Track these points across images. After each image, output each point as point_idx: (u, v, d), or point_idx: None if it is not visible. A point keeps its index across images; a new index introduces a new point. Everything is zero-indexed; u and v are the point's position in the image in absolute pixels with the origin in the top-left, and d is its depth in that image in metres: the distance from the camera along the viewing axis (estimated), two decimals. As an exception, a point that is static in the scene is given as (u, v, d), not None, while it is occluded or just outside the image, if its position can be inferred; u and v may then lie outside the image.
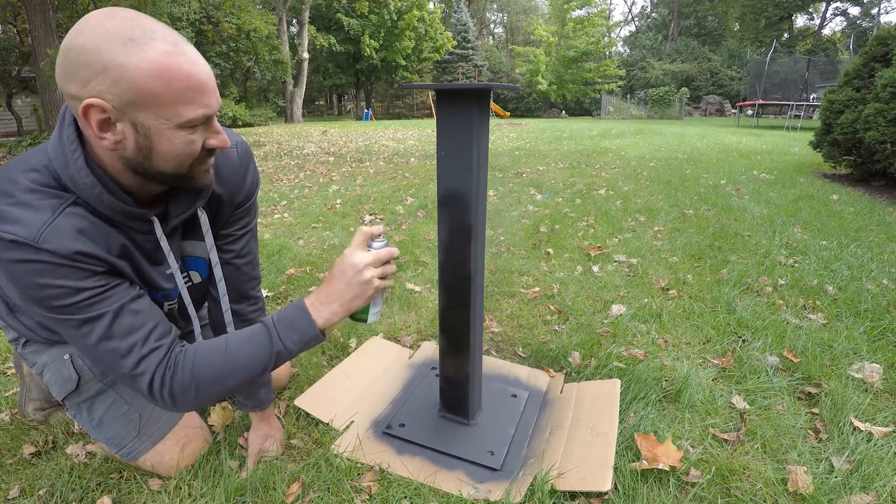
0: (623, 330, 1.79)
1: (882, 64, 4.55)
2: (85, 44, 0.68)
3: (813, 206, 3.69)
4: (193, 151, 0.79)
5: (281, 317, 0.87)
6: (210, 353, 0.85)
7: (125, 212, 0.82)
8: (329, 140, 10.90)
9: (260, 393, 1.19)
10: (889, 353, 1.61)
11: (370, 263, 0.87)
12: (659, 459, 1.11)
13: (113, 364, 0.81)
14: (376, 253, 0.89)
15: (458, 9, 31.76)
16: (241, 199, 1.06)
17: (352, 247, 0.89)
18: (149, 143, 0.75)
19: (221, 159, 0.98)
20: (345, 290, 0.87)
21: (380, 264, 0.88)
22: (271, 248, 2.79)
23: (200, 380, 0.83)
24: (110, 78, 0.68)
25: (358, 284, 0.87)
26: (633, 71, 30.41)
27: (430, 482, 1.10)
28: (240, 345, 0.86)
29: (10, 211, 0.73)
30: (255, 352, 0.86)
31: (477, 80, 25.97)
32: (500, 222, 3.36)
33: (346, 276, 0.87)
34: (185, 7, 13.88)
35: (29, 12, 7.63)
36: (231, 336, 0.88)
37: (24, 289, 0.75)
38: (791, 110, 13.78)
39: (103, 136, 0.73)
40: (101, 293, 0.79)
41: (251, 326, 0.89)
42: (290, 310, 0.88)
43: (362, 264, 0.86)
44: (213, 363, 0.84)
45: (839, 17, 34.52)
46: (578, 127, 15.03)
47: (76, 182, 0.77)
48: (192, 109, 0.74)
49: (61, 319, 0.78)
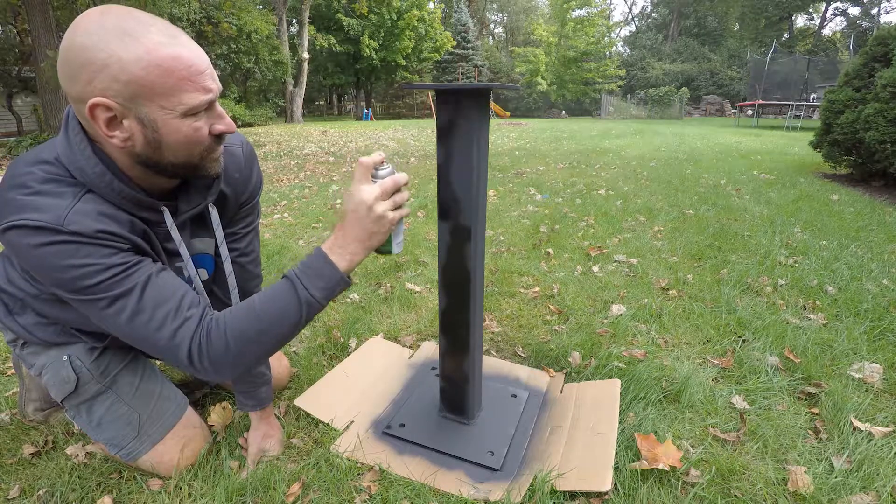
0: (623, 330, 1.78)
1: (882, 64, 4.55)
2: (83, 42, 0.69)
3: (813, 206, 3.69)
4: (201, 138, 0.79)
5: (303, 267, 0.84)
6: (240, 316, 0.83)
7: (135, 200, 0.82)
8: (329, 140, 10.90)
9: (260, 392, 1.19)
10: (889, 353, 1.61)
11: (379, 196, 0.82)
12: (659, 459, 1.11)
13: (149, 338, 0.80)
14: (382, 183, 0.83)
15: (458, 9, 31.74)
16: (246, 198, 1.07)
17: (355, 181, 0.84)
18: (158, 135, 0.76)
19: (227, 159, 0.99)
20: (360, 230, 0.83)
21: (389, 195, 0.84)
22: (271, 248, 2.79)
23: (236, 343, 0.82)
24: (111, 73, 0.69)
25: (372, 221, 0.83)
26: (633, 71, 30.42)
27: (430, 482, 1.10)
28: (268, 303, 0.84)
29: (31, 200, 0.74)
30: (284, 306, 0.83)
31: (477, 80, 25.98)
32: (500, 222, 3.36)
33: (358, 215, 0.83)
34: (186, 7, 13.86)
35: (29, 12, 7.63)
36: (256, 297, 0.86)
37: (52, 272, 0.76)
38: (791, 110, 13.78)
39: (112, 134, 0.74)
40: (128, 268, 0.79)
41: (274, 284, 0.86)
42: (310, 259, 0.85)
43: (371, 199, 0.82)
44: (245, 325, 0.82)
45: (839, 17, 34.55)
46: (578, 127, 15.02)
47: (86, 172, 0.78)
48: (193, 96, 0.75)
49: (92, 300, 0.78)
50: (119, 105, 0.71)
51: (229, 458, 1.16)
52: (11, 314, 1.03)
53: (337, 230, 0.85)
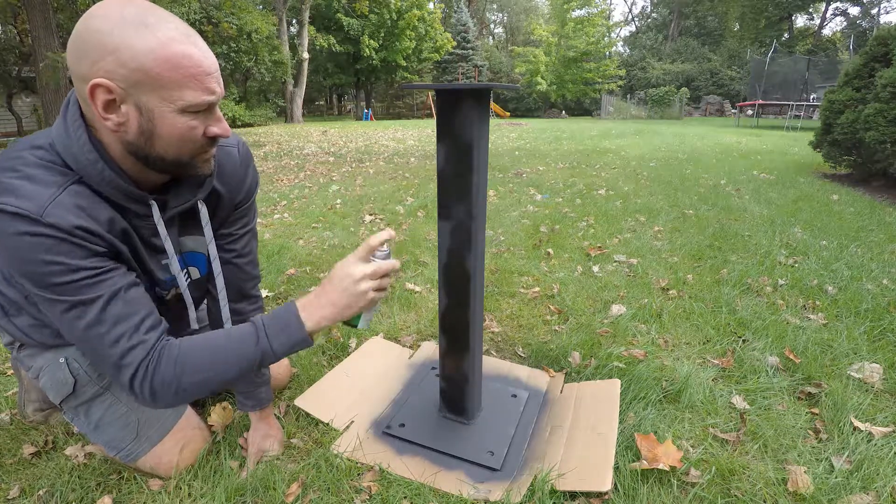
0: (623, 330, 1.78)
1: (882, 64, 4.55)
2: (100, 26, 0.70)
3: (813, 206, 3.69)
4: (195, 137, 0.79)
5: (272, 317, 0.87)
6: (197, 349, 0.84)
7: (125, 190, 0.82)
8: (329, 140, 10.90)
9: (259, 392, 1.19)
10: (889, 353, 1.61)
11: (368, 275, 0.87)
12: (659, 459, 1.11)
13: (99, 351, 0.79)
14: (376, 265, 0.88)
15: (458, 9, 31.75)
16: (242, 199, 1.06)
17: (354, 255, 0.89)
18: (151, 125, 0.76)
19: (223, 158, 0.99)
20: (338, 298, 0.87)
21: (378, 277, 0.88)
22: (271, 248, 2.79)
23: (183, 377, 0.82)
24: (120, 58, 0.70)
25: (352, 295, 0.87)
26: (633, 71, 30.41)
27: (430, 482, 1.10)
28: (226, 343, 0.85)
29: (15, 184, 0.73)
30: (241, 351, 0.85)
31: (477, 80, 25.97)
32: (500, 222, 3.36)
33: (342, 284, 0.87)
34: (186, 7, 13.85)
35: (29, 12, 7.64)
36: (219, 333, 0.87)
37: (21, 263, 0.74)
38: (791, 110, 13.78)
39: (108, 116, 0.74)
40: (98, 275, 0.78)
41: (240, 325, 0.88)
42: (281, 311, 0.87)
43: (360, 275, 0.87)
44: (197, 360, 0.83)
45: (839, 17, 34.54)
46: (578, 127, 15.02)
47: (78, 159, 0.77)
48: (196, 94, 0.75)
49: (53, 300, 0.77)
50: (120, 89, 0.72)
51: (229, 458, 1.16)
52: (7, 316, 1.02)
53: (318, 290, 0.89)
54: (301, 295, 1.41)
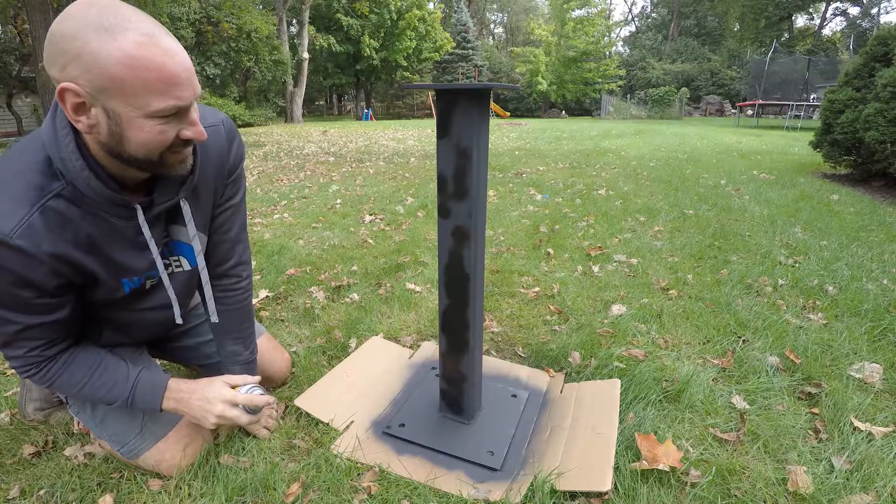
0: (623, 330, 1.78)
1: (882, 64, 4.55)
2: (64, 29, 0.70)
3: (813, 206, 3.69)
4: (164, 141, 0.80)
5: (148, 380, 1.02)
6: (80, 370, 0.97)
7: (109, 198, 0.84)
8: (329, 140, 10.90)
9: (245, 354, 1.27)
10: (889, 353, 1.61)
11: (227, 400, 1.06)
12: (659, 459, 1.11)
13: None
14: (235, 394, 1.08)
15: (458, 9, 31.75)
16: (230, 168, 1.07)
17: (226, 378, 1.10)
18: (120, 129, 0.76)
19: (211, 137, 0.99)
20: (193, 406, 1.05)
21: (236, 404, 1.07)
22: (271, 248, 2.79)
23: (56, 387, 0.96)
24: (83, 64, 0.70)
25: (201, 410, 1.05)
26: (634, 71, 30.41)
27: (430, 482, 1.10)
28: (106, 378, 0.98)
29: None
30: (113, 390, 0.99)
31: (477, 80, 25.98)
32: (500, 222, 3.36)
33: (200, 395, 1.05)
34: (185, 7, 13.85)
35: (29, 12, 7.63)
36: (108, 361, 1.00)
37: None
38: (791, 110, 13.78)
39: (78, 118, 0.75)
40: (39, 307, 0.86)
41: (130, 366, 1.02)
42: (157, 379, 1.03)
43: (216, 400, 1.05)
44: (75, 380, 0.96)
45: (839, 17, 34.55)
46: (578, 127, 15.03)
47: (66, 165, 0.79)
48: (161, 100, 0.75)
49: None
50: (87, 93, 0.72)
51: (234, 456, 1.16)
52: None
53: (190, 385, 1.07)
54: (187, 375, 1.49)
